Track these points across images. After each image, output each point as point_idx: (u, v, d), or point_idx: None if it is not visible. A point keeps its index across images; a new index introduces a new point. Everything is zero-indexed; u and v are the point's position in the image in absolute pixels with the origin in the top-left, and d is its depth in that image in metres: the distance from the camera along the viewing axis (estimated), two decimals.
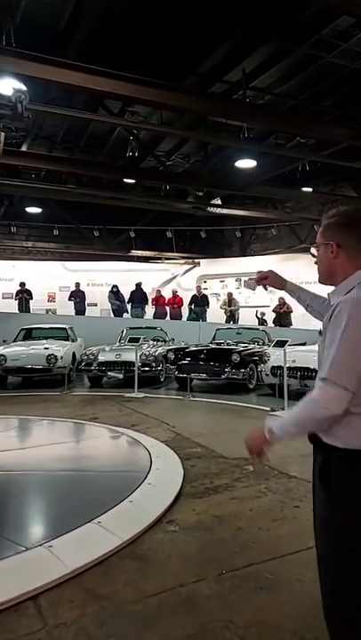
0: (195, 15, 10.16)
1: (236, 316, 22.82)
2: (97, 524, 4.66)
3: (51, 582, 3.73)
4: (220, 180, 17.39)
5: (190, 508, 5.31)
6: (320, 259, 2.50)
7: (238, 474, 6.48)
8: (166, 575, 3.92)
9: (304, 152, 13.90)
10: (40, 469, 6.78)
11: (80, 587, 3.75)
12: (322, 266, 2.49)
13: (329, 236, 2.45)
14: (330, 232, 2.46)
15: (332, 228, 2.46)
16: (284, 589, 3.71)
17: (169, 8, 9.88)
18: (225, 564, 4.08)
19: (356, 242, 2.40)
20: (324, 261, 2.47)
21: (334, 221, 2.47)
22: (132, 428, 9.00)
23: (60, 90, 12.15)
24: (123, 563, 4.11)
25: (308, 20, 10.25)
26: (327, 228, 2.48)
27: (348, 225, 2.43)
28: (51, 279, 25.52)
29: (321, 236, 2.49)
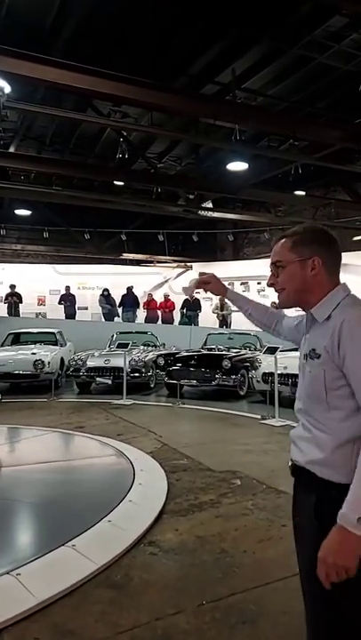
0: (185, 15, 9.92)
1: (228, 320, 22.61)
2: (71, 547, 4.38)
3: (16, 616, 3.46)
4: (211, 182, 17.16)
5: (173, 527, 5.05)
6: (289, 278, 2.23)
7: (225, 488, 6.23)
8: (142, 607, 3.65)
9: (296, 155, 13.67)
10: (12, 485, 6.50)
11: (48, 621, 3.48)
12: (292, 285, 2.23)
13: (306, 252, 2.20)
14: (305, 247, 2.21)
15: (309, 242, 2.23)
16: (267, 624, 3.44)
17: (158, 7, 9.64)
18: (206, 592, 3.82)
19: (336, 258, 2.25)
20: (296, 280, 2.21)
21: (311, 236, 2.25)
22: (118, 437, 8.76)
23: (48, 90, 11.90)
24: (96, 592, 3.84)
25: (301, 21, 10.02)
26: (300, 242, 2.23)
27: (328, 240, 2.25)
28: (41, 282, 25.21)
29: (292, 252, 2.23)
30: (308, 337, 2.23)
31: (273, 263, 2.29)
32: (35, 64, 8.66)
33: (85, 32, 10.26)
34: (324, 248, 2.21)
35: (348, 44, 10.63)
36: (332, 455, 2.02)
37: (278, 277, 2.26)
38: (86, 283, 25.47)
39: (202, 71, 11.92)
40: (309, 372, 2.14)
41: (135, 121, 13.71)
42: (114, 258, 26.25)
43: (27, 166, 15.45)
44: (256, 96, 12.97)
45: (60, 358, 15.30)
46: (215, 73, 11.99)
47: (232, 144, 12.56)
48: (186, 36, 10.58)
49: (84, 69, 9.05)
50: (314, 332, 2.18)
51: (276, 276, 2.27)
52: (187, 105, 10.79)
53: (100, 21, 10.01)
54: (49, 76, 8.87)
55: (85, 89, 9.34)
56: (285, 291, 2.25)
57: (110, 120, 11.68)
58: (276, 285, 2.28)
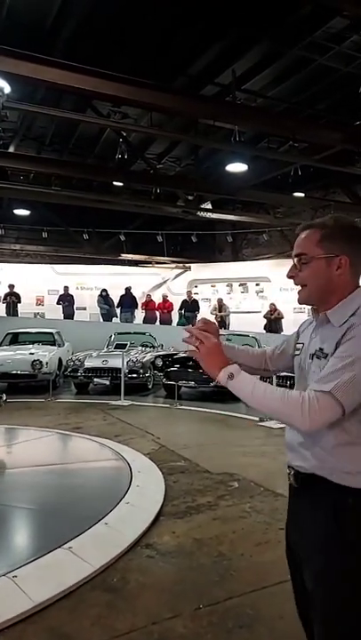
0: (184, 16, 9.90)
1: (226, 321, 22.59)
2: (67, 549, 4.35)
3: (12, 618, 3.43)
4: (211, 183, 17.14)
5: (170, 529, 5.02)
6: (312, 274, 2.07)
7: (222, 491, 6.21)
8: (139, 610, 3.62)
9: (296, 156, 13.66)
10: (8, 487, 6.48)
11: (44, 624, 3.45)
12: (315, 283, 2.07)
13: (335, 248, 2.04)
14: (334, 243, 2.05)
15: (338, 238, 2.06)
16: (264, 628, 3.42)
17: (158, 8, 9.62)
18: (203, 596, 3.79)
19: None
20: (320, 278, 2.06)
21: (341, 231, 2.07)
22: (115, 438, 8.73)
23: (47, 90, 11.90)
24: (93, 595, 3.82)
25: (301, 22, 10.01)
26: (329, 237, 2.06)
27: (358, 237, 2.08)
28: (39, 282, 25.15)
29: (318, 247, 2.06)
30: (315, 336, 2.11)
31: (296, 255, 2.11)
32: (35, 64, 8.67)
33: (85, 32, 10.25)
34: (353, 246, 2.06)
35: (348, 46, 10.64)
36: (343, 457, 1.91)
37: (301, 271, 2.10)
38: (85, 283, 25.43)
39: (202, 72, 11.92)
40: (314, 373, 2.01)
41: (135, 122, 13.70)
42: (112, 258, 26.21)
43: (26, 166, 15.43)
44: (256, 97, 12.97)
45: (58, 358, 15.29)
46: (215, 74, 11.98)
47: (232, 145, 12.56)
48: (186, 36, 10.57)
49: (84, 70, 9.05)
50: (324, 332, 2.06)
51: (299, 269, 2.10)
52: (187, 105, 10.79)
53: (100, 22, 10.00)
54: (49, 77, 8.88)
55: (85, 89, 9.36)
56: (307, 288, 2.11)
57: (110, 121, 11.65)
58: (296, 279, 2.13)
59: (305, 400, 1.83)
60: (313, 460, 1.98)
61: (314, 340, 2.10)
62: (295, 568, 2.10)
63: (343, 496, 1.89)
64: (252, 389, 1.96)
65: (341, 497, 1.90)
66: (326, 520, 1.92)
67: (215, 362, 2.05)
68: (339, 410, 1.82)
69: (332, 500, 1.92)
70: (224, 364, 2.03)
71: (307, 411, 1.82)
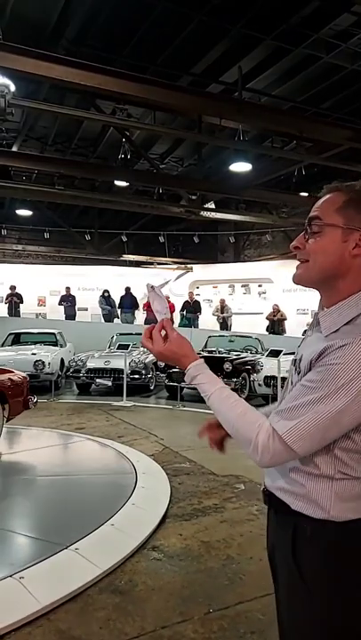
0: (189, 13, 9.84)
1: (228, 323, 22.53)
2: (74, 550, 4.28)
3: (20, 620, 3.36)
4: (214, 183, 17.09)
5: (177, 532, 4.94)
6: (321, 247, 1.65)
7: (229, 493, 6.13)
8: (147, 614, 3.54)
9: (302, 155, 13.58)
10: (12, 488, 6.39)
11: (52, 627, 3.37)
12: (322, 259, 1.65)
13: (358, 220, 1.63)
14: (359, 213, 1.63)
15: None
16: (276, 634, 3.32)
17: (162, 4, 9.56)
18: (213, 600, 3.72)
19: None
20: (330, 253, 1.63)
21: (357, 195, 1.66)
22: (119, 439, 8.66)
23: (51, 89, 11.87)
24: (100, 597, 3.74)
25: (307, 20, 9.93)
26: (355, 204, 1.65)
27: None
28: (41, 283, 25.13)
29: (337, 214, 1.65)
30: (306, 340, 1.77)
31: (309, 220, 1.70)
32: (40, 61, 8.61)
33: (89, 31, 10.24)
34: None
35: (355, 43, 10.54)
36: (306, 482, 1.64)
37: (308, 241, 1.69)
38: (86, 284, 25.38)
39: (206, 70, 11.84)
40: (291, 386, 1.71)
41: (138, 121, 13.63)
42: (114, 259, 26.17)
43: (29, 165, 15.37)
44: (261, 96, 12.88)
45: (60, 359, 15.23)
46: (220, 72, 11.90)
47: (236, 143, 12.51)
48: (190, 34, 10.48)
49: (88, 66, 9.01)
50: (313, 337, 1.69)
51: (307, 238, 1.69)
52: (192, 103, 10.73)
53: (104, 20, 9.95)
54: (54, 74, 8.82)
55: (90, 86, 9.30)
56: (309, 264, 1.68)
57: (114, 118, 11.56)
58: (300, 252, 1.70)
59: (261, 432, 1.56)
60: (274, 481, 1.75)
61: (304, 342, 1.77)
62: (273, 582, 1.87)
63: (302, 525, 1.64)
64: (211, 391, 1.72)
65: (301, 525, 1.65)
66: (285, 551, 1.69)
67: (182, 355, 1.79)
68: (293, 454, 1.55)
69: (292, 526, 1.67)
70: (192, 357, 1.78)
71: (258, 446, 1.56)
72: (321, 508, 1.61)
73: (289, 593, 1.71)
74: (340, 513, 1.60)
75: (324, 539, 1.62)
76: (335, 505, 1.60)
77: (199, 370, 1.76)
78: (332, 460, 1.59)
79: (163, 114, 13.16)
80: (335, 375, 1.48)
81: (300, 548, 1.65)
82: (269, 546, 1.87)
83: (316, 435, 1.51)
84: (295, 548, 1.66)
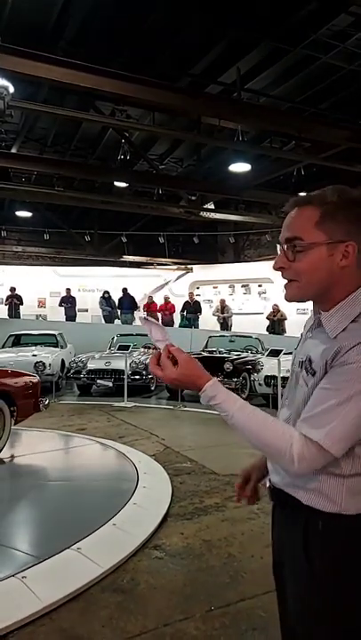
0: (187, 14, 9.86)
1: (229, 323, 22.55)
2: (76, 550, 4.29)
3: (23, 620, 3.36)
4: (213, 184, 17.11)
5: (178, 531, 4.96)
6: (310, 266, 1.64)
7: (230, 492, 6.12)
8: (150, 612, 3.56)
9: (300, 155, 13.61)
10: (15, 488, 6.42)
11: (55, 625, 3.39)
12: (313, 277, 1.65)
13: (339, 232, 1.62)
14: (338, 224, 1.63)
15: (344, 217, 1.63)
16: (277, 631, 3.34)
17: (160, 6, 9.58)
18: (214, 598, 3.74)
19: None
20: (320, 270, 1.63)
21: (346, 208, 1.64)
22: (120, 440, 8.68)
23: (50, 90, 11.88)
24: (103, 596, 3.76)
25: (305, 20, 9.95)
26: (332, 216, 1.63)
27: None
28: (41, 284, 25.16)
29: (318, 230, 1.63)
30: (310, 336, 1.77)
31: (288, 240, 1.67)
32: (38, 62, 8.64)
33: (87, 32, 10.24)
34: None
35: (352, 44, 10.57)
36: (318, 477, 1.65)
37: (293, 261, 1.66)
38: (86, 285, 25.42)
39: (204, 71, 11.87)
40: (301, 387, 1.72)
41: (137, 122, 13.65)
42: (114, 260, 26.19)
43: (28, 167, 15.41)
44: (259, 96, 12.90)
45: (60, 360, 15.26)
46: (218, 73, 11.92)
47: (235, 143, 12.53)
48: (187, 35, 10.51)
49: (87, 68, 9.03)
50: (317, 338, 1.70)
51: (290, 258, 1.67)
52: (191, 103, 10.76)
53: (103, 21, 9.96)
54: (53, 75, 8.86)
55: (88, 87, 9.35)
56: (300, 284, 1.67)
57: (113, 119, 11.60)
58: (286, 272, 1.69)
59: (294, 442, 1.57)
60: (285, 477, 1.74)
61: (306, 343, 1.77)
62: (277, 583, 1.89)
63: (314, 519, 1.65)
64: (233, 410, 1.65)
65: (312, 519, 1.66)
66: (295, 547, 1.70)
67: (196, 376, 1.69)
68: (330, 457, 1.56)
69: (303, 521, 1.68)
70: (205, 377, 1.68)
71: (294, 456, 1.56)
72: (333, 501, 1.62)
73: (299, 588, 1.70)
74: (352, 506, 1.61)
75: (336, 532, 1.63)
76: (347, 499, 1.62)
77: (215, 390, 1.67)
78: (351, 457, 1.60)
79: (162, 115, 13.19)
80: (356, 374, 1.52)
81: (311, 542, 1.66)
82: (275, 543, 1.87)
83: (351, 434, 1.54)
84: (307, 542, 1.66)
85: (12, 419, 7.41)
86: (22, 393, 7.61)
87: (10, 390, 7.34)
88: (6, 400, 7.30)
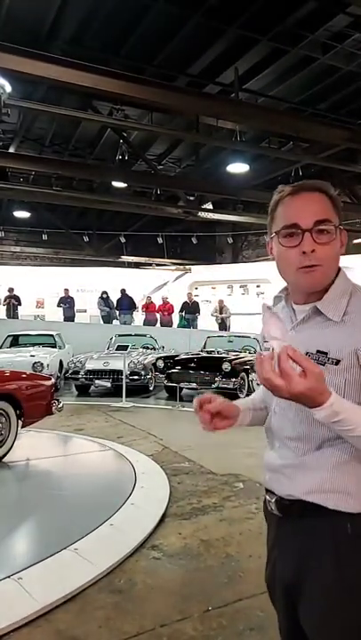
0: (185, 13, 9.85)
1: (227, 323, 22.54)
2: (73, 551, 4.27)
3: (19, 621, 3.33)
4: (212, 184, 17.10)
5: (176, 531, 4.94)
6: (333, 251, 1.64)
7: (228, 492, 6.13)
8: (147, 612, 3.54)
9: (298, 155, 13.61)
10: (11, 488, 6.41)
11: (51, 627, 3.36)
12: (333, 263, 1.65)
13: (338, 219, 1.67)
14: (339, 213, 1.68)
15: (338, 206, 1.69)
16: (276, 631, 3.32)
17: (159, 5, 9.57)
18: (212, 598, 3.71)
19: None
20: (338, 254, 1.66)
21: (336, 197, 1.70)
22: (118, 440, 8.65)
23: (49, 90, 11.85)
24: (99, 597, 3.73)
25: (303, 21, 9.95)
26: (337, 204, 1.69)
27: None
28: (39, 285, 25.12)
29: (336, 215, 1.66)
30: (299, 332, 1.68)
31: (319, 222, 1.62)
32: (36, 61, 8.64)
33: (85, 32, 10.23)
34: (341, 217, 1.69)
35: (350, 44, 10.57)
36: (345, 477, 1.58)
37: (322, 244, 1.62)
38: (85, 285, 25.39)
39: (202, 71, 11.85)
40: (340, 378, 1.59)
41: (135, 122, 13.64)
42: (113, 260, 26.18)
43: (26, 166, 15.38)
44: (258, 96, 12.89)
45: (58, 360, 15.24)
46: (217, 73, 11.91)
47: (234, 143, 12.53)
48: (187, 34, 10.49)
49: (85, 67, 9.03)
50: (316, 329, 1.64)
51: (320, 241, 1.61)
52: (189, 103, 10.75)
53: (100, 21, 9.95)
54: (50, 74, 8.84)
55: (86, 87, 9.32)
56: (324, 268, 1.63)
57: (111, 119, 11.59)
58: (312, 256, 1.61)
59: None
60: (303, 485, 1.64)
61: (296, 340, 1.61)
62: (286, 603, 1.77)
63: (341, 523, 1.57)
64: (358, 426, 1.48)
65: (339, 524, 1.58)
66: (321, 559, 1.60)
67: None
68: None
69: (329, 528, 1.59)
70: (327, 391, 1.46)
71: None
72: (359, 499, 1.57)
73: (331, 602, 1.59)
74: None
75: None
76: None
77: (341, 404, 1.47)
78: None
79: (160, 115, 13.19)
80: None
81: (342, 548, 1.57)
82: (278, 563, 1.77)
83: None
84: (337, 549, 1.58)
85: (20, 421, 7.22)
86: (29, 395, 7.38)
87: (14, 392, 7.14)
88: (11, 402, 7.12)
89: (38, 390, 7.65)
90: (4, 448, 7.06)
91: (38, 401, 7.60)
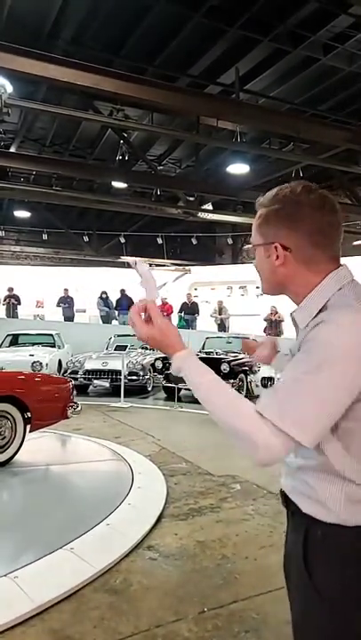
0: (186, 14, 9.85)
1: (226, 324, 22.52)
2: (69, 550, 4.26)
3: (13, 620, 3.32)
4: (212, 184, 17.10)
5: (172, 531, 4.93)
6: (258, 264, 1.73)
7: (225, 493, 6.11)
8: (142, 613, 3.53)
9: (299, 156, 13.60)
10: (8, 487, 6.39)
11: (46, 626, 3.35)
12: (263, 274, 1.72)
13: (269, 234, 1.65)
14: (269, 226, 1.66)
15: (273, 219, 1.64)
16: (271, 633, 3.33)
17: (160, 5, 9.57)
18: (207, 599, 3.70)
19: (316, 237, 1.62)
20: (265, 269, 1.70)
21: (276, 209, 1.63)
22: (116, 440, 8.64)
23: (49, 89, 11.86)
24: (95, 597, 3.72)
25: (304, 21, 9.97)
26: (265, 219, 1.67)
27: (300, 213, 1.61)
28: (39, 284, 25.09)
29: (257, 233, 1.70)
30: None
31: None
32: (37, 61, 8.65)
33: (87, 31, 10.23)
34: (293, 227, 1.61)
35: (352, 45, 10.58)
36: (315, 482, 1.58)
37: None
38: (84, 285, 25.36)
39: (203, 72, 11.86)
40: None
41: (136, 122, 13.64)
42: (112, 260, 26.18)
43: (27, 166, 15.39)
44: (258, 97, 12.90)
45: (57, 360, 15.25)
46: (217, 73, 11.92)
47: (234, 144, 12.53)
48: (188, 35, 10.50)
49: (85, 67, 9.04)
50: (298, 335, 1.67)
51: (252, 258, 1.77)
52: (190, 104, 10.75)
53: (101, 22, 9.96)
54: (51, 74, 8.85)
55: (87, 87, 9.33)
56: (261, 278, 1.76)
57: (112, 119, 11.58)
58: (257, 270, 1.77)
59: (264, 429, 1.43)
60: (289, 482, 1.69)
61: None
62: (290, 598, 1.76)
63: (314, 528, 1.57)
64: (199, 383, 1.58)
65: (312, 528, 1.58)
66: (298, 557, 1.61)
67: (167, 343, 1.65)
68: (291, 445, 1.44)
69: (304, 529, 1.60)
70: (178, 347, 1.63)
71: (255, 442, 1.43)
72: (330, 510, 1.54)
73: (300, 597, 1.63)
74: (351, 517, 1.52)
75: (337, 544, 1.54)
76: (346, 507, 1.52)
77: (183, 361, 1.61)
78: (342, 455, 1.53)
79: (161, 115, 13.20)
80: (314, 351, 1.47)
81: (311, 552, 1.58)
82: (286, 547, 1.78)
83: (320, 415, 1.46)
84: (306, 552, 1.58)
85: (28, 425, 6.93)
86: (38, 398, 7.06)
87: (19, 395, 6.85)
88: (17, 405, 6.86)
89: (50, 393, 7.42)
90: (9, 451, 6.86)
91: (50, 404, 7.37)
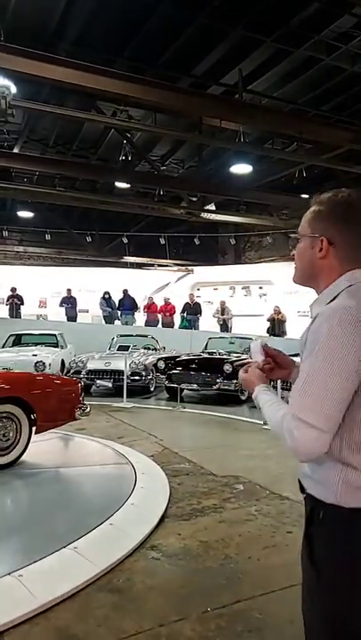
0: (189, 14, 9.87)
1: (229, 324, 22.52)
2: (73, 549, 4.27)
3: (18, 618, 3.33)
4: (215, 185, 17.11)
5: (175, 531, 4.94)
6: (299, 255, 1.94)
7: (228, 493, 6.12)
8: (145, 612, 3.54)
9: (302, 156, 13.61)
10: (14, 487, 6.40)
11: (50, 624, 3.37)
12: (302, 263, 1.93)
13: (319, 228, 1.86)
14: (320, 222, 1.87)
15: (326, 216, 1.86)
16: (274, 633, 3.34)
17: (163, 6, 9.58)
18: (210, 599, 3.71)
19: (354, 239, 1.84)
20: (305, 258, 1.91)
21: (329, 209, 1.87)
22: (119, 440, 8.64)
23: (52, 90, 11.87)
24: (98, 596, 3.74)
25: (307, 22, 9.97)
26: (318, 215, 1.89)
27: (347, 214, 1.84)
28: (42, 284, 25.11)
29: (308, 225, 1.91)
30: None
31: None
32: (40, 62, 8.69)
33: (90, 32, 10.25)
34: (339, 226, 1.84)
35: (355, 45, 10.58)
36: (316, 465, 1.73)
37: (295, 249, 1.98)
38: (87, 285, 25.37)
39: (206, 72, 11.87)
40: None
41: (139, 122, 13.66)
42: (115, 261, 26.20)
43: (30, 167, 15.44)
44: (261, 98, 12.91)
45: (60, 360, 15.24)
46: (220, 74, 11.93)
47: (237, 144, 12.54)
48: (191, 36, 10.51)
49: (89, 68, 9.07)
50: None
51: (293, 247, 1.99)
52: (193, 104, 10.78)
53: (105, 21, 9.97)
54: (55, 75, 8.89)
55: (90, 87, 9.34)
56: (296, 268, 1.96)
57: (115, 119, 11.60)
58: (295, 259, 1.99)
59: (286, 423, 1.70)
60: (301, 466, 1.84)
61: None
62: None
63: (317, 508, 1.71)
64: (263, 405, 1.92)
65: (316, 508, 1.72)
66: (304, 535, 1.78)
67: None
68: (322, 436, 1.62)
69: (309, 510, 1.77)
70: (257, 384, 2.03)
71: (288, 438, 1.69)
72: (331, 491, 1.67)
73: (305, 575, 1.76)
74: (350, 500, 1.64)
75: (336, 525, 1.65)
76: (344, 490, 1.65)
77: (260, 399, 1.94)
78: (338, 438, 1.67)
79: (163, 116, 13.19)
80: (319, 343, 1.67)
81: (313, 531, 1.73)
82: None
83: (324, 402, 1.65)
84: (308, 530, 1.75)
85: (34, 426, 6.86)
86: (44, 399, 6.95)
87: (23, 396, 6.76)
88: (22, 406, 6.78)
89: (57, 394, 7.31)
90: (13, 453, 6.80)
91: (57, 405, 7.27)
